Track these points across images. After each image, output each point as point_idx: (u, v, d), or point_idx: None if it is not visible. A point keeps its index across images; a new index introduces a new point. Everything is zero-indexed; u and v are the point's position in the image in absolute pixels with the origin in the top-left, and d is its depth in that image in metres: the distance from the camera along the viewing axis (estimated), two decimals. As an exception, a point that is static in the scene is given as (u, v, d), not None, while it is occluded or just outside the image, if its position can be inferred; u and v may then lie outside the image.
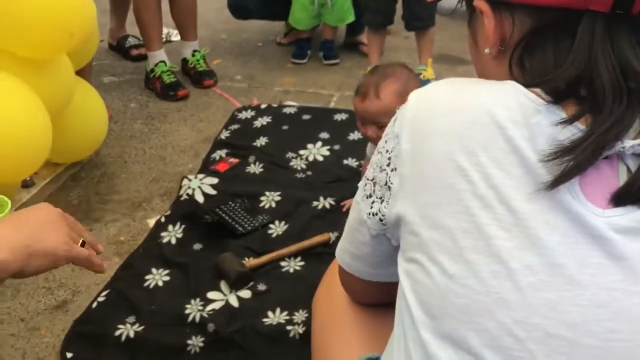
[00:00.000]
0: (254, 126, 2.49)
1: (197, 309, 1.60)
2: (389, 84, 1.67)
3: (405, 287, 0.75)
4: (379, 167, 0.80)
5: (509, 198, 0.66)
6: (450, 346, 0.69)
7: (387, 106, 1.66)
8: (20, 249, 0.86)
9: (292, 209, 1.99)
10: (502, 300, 0.66)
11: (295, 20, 3.13)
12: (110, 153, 2.38)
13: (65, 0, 1.73)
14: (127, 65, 3.16)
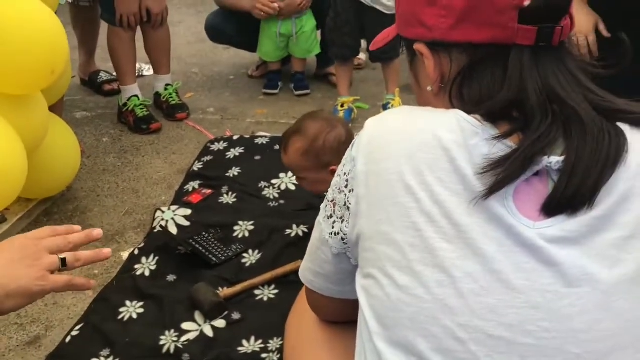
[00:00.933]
0: (227, 157, 2.52)
1: (171, 339, 1.61)
2: (295, 142, 1.73)
3: (362, 302, 0.80)
4: (338, 188, 0.86)
5: (451, 212, 0.73)
6: (402, 353, 0.75)
7: (292, 163, 1.77)
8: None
9: (265, 238, 2.02)
10: (447, 307, 0.72)
11: (263, 52, 3.20)
12: (82, 187, 2.39)
13: (48, 37, 1.76)
14: (99, 100, 3.19)
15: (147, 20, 2.85)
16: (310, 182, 1.81)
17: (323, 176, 1.74)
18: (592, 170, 0.72)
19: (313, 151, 1.72)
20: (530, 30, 0.76)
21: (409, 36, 0.88)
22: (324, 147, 1.71)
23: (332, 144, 1.71)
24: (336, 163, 1.70)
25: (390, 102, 2.86)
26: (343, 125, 1.79)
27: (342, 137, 1.73)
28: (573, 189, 0.72)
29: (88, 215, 2.22)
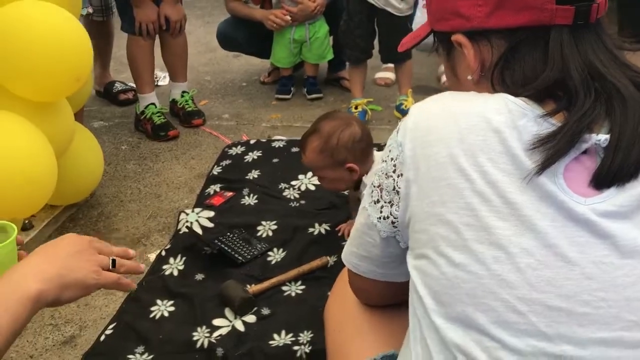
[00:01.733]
0: (245, 160, 2.56)
1: (204, 335, 1.64)
2: (312, 142, 1.78)
3: (417, 281, 0.83)
4: (385, 174, 0.89)
5: (504, 192, 0.76)
6: (461, 327, 0.78)
7: (310, 162, 1.81)
8: (54, 279, 0.92)
9: (289, 237, 2.05)
10: (505, 281, 0.75)
11: (277, 59, 3.25)
12: (106, 193, 2.43)
13: (74, 45, 1.81)
14: (115, 110, 3.24)
15: (165, 28, 2.90)
16: (329, 180, 1.84)
17: (340, 174, 1.78)
18: (635, 144, 0.75)
19: (328, 149, 1.76)
20: (568, 10, 0.78)
21: (445, 29, 0.90)
22: (338, 144, 1.75)
23: (347, 142, 1.75)
24: (352, 160, 1.76)
25: (404, 103, 2.90)
26: (358, 123, 1.83)
27: (356, 135, 1.77)
28: (618, 163, 0.75)
29: (113, 220, 2.26)
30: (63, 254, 0.96)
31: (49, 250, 0.97)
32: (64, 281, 0.93)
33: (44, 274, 0.91)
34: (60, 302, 0.94)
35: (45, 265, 0.93)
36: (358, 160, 1.77)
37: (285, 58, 3.22)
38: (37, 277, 0.90)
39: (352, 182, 1.83)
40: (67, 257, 0.95)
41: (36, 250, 0.98)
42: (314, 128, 1.81)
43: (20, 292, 0.87)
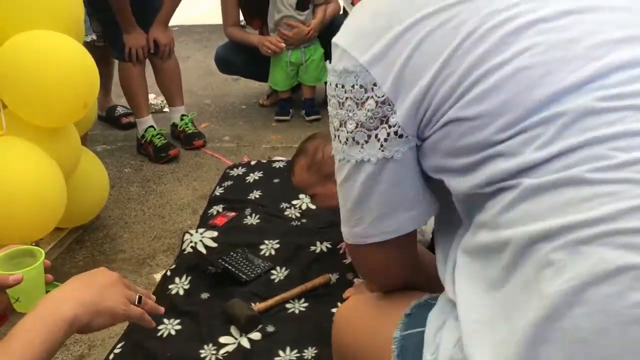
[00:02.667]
0: (247, 181, 2.62)
1: (211, 352, 1.68)
2: (299, 162, 1.85)
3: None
4: (352, 110, 0.85)
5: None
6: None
7: (301, 182, 1.87)
8: (89, 305, 0.97)
9: (291, 255, 2.10)
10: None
11: (274, 82, 3.32)
12: (110, 215, 2.48)
13: (82, 73, 1.87)
14: (117, 134, 3.30)
15: (154, 52, 2.98)
16: (321, 197, 1.89)
17: (331, 188, 1.81)
18: None
19: (315, 165, 1.82)
20: None
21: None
22: (323, 158, 1.81)
23: (331, 155, 1.80)
24: None
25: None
26: None
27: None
28: None
29: (118, 241, 2.30)
30: (98, 283, 1.02)
31: (85, 279, 1.03)
32: (97, 308, 0.98)
33: (80, 299, 0.97)
34: (90, 328, 0.99)
35: (81, 292, 0.99)
36: None
37: (282, 81, 3.29)
38: (74, 302, 0.96)
39: None
40: (101, 287, 1.01)
41: (73, 277, 1.04)
42: (298, 150, 1.89)
43: (57, 314, 0.93)
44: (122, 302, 1.02)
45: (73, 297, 0.96)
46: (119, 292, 1.03)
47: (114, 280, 1.04)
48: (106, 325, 1.01)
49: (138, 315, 1.06)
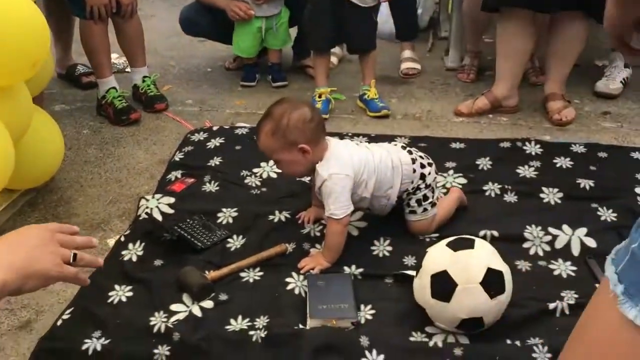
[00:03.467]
0: (208, 147, 2.57)
1: (161, 320, 1.66)
2: (264, 126, 1.82)
3: None
4: None
5: None
6: None
7: (266, 146, 1.85)
8: (18, 270, 0.94)
9: (249, 224, 2.08)
10: None
11: (240, 49, 3.23)
12: (65, 178, 2.42)
13: (29, 31, 1.79)
14: (77, 94, 3.20)
15: (116, 12, 2.87)
16: (285, 164, 1.87)
17: (294, 156, 1.82)
18: None
19: (280, 130, 1.79)
20: None
21: None
22: (288, 125, 1.79)
23: (297, 122, 1.79)
24: (303, 141, 1.80)
25: (366, 93, 2.94)
26: (308, 106, 1.87)
27: (306, 115, 1.80)
28: None
29: (72, 205, 2.25)
30: (27, 245, 0.98)
31: (13, 241, 0.99)
32: (28, 272, 0.95)
33: (9, 264, 0.94)
34: (21, 291, 0.96)
35: (11, 256, 0.95)
36: (309, 142, 1.80)
37: (249, 48, 3.21)
38: (3, 267, 0.92)
39: (307, 165, 1.86)
40: (31, 248, 0.98)
41: (1, 240, 0.99)
42: (265, 113, 1.85)
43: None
44: (55, 264, 0.99)
45: (1, 263, 0.93)
46: (52, 252, 0.99)
47: (46, 239, 1.00)
48: (39, 288, 0.99)
49: (72, 275, 1.04)
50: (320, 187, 1.83)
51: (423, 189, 1.93)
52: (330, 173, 1.80)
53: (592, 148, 2.50)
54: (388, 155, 1.92)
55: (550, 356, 1.52)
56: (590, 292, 1.69)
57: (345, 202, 1.82)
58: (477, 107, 2.87)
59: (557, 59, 2.80)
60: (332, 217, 1.82)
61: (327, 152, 1.85)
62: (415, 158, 1.94)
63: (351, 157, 1.85)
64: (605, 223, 2.04)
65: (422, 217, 1.96)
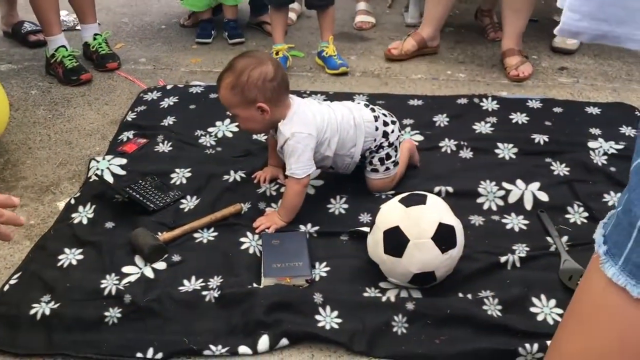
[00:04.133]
0: (161, 106, 2.51)
1: (112, 282, 1.64)
2: (225, 78, 1.78)
3: None
4: None
5: None
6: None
7: (224, 99, 1.81)
8: None
9: (203, 184, 2.04)
10: None
11: (190, 2, 3.11)
12: (13, 140, 2.33)
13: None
14: (24, 52, 3.07)
15: None
16: (243, 119, 1.84)
17: (252, 113, 1.78)
18: None
19: (238, 86, 1.75)
20: None
21: None
22: (248, 81, 1.74)
23: (257, 80, 1.74)
24: (262, 100, 1.76)
25: (325, 50, 2.89)
26: (273, 63, 1.80)
27: (267, 73, 1.75)
28: None
29: (20, 167, 2.18)
30: None
31: None
32: None
33: None
34: None
35: None
36: (269, 101, 1.76)
37: (199, 1, 3.10)
38: None
39: (265, 123, 1.83)
40: None
41: None
42: (228, 65, 1.81)
43: None
44: None
45: None
46: None
47: None
48: None
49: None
50: (283, 146, 1.81)
51: (386, 147, 1.92)
52: (292, 132, 1.78)
53: (547, 103, 2.52)
54: (350, 113, 1.90)
55: (500, 308, 1.55)
56: (541, 245, 1.77)
57: (306, 161, 1.80)
58: (405, 48, 2.97)
59: (511, 14, 2.79)
60: (292, 176, 1.81)
61: (290, 110, 1.81)
62: (377, 116, 1.92)
63: (314, 115, 1.83)
64: (558, 177, 2.06)
65: (384, 175, 1.96)
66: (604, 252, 0.81)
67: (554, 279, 1.64)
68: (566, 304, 1.54)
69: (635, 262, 0.76)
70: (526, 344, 1.44)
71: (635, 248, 0.76)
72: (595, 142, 2.22)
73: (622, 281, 0.77)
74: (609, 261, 0.80)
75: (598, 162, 2.12)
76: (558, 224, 1.84)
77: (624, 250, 0.77)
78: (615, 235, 0.80)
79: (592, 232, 1.86)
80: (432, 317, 1.52)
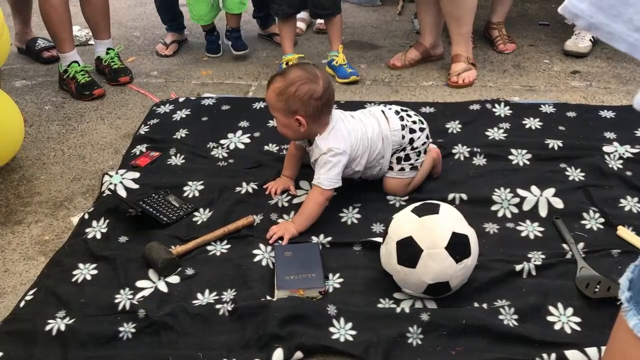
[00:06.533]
0: (173, 119, 2.52)
1: (126, 297, 1.64)
2: (274, 82, 1.83)
3: None
4: None
5: None
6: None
7: (268, 99, 1.87)
8: None
9: (215, 197, 2.05)
10: None
11: (197, 17, 3.08)
12: (27, 156, 2.35)
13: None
14: (38, 68, 3.11)
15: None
16: (280, 124, 1.89)
17: (290, 122, 1.84)
18: None
19: (284, 95, 1.81)
20: None
21: None
22: (294, 94, 1.79)
23: (303, 95, 1.79)
24: (303, 114, 1.78)
25: (335, 59, 2.89)
26: (324, 84, 1.82)
27: (315, 92, 1.79)
28: None
29: (35, 183, 2.20)
30: None
31: None
32: None
33: None
34: None
35: None
36: (309, 116, 1.81)
37: (207, 14, 3.07)
38: None
39: (299, 134, 1.87)
40: None
41: None
42: (284, 70, 1.87)
43: None
44: None
45: None
46: None
47: None
48: None
49: None
50: (317, 159, 1.86)
51: (408, 150, 1.95)
52: (329, 147, 1.83)
53: (561, 108, 2.49)
54: (378, 125, 1.93)
55: (517, 317, 1.53)
56: (557, 253, 1.74)
57: (336, 176, 1.86)
58: (409, 58, 2.95)
59: (453, 21, 2.79)
60: (319, 185, 1.85)
61: (329, 126, 1.85)
62: (405, 125, 1.95)
63: (349, 133, 1.88)
64: (573, 182, 2.04)
65: (398, 175, 1.97)
66: (627, 299, 0.74)
67: (570, 286, 1.62)
68: (583, 312, 1.54)
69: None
70: (543, 354, 1.42)
71: None
72: (610, 146, 2.20)
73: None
74: (632, 309, 0.73)
75: (614, 167, 2.09)
76: (574, 231, 1.82)
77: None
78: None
79: (609, 238, 1.84)
80: (448, 328, 1.51)
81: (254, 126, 2.45)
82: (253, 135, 2.39)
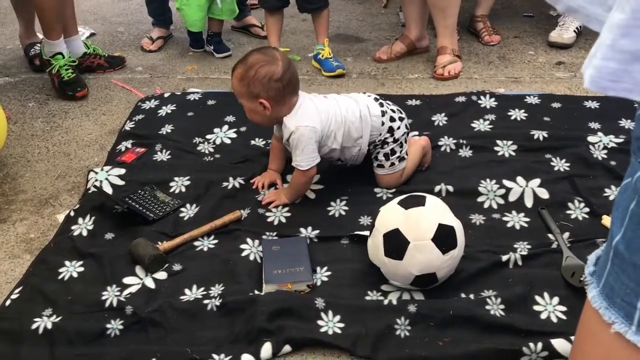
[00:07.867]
0: (159, 115, 2.51)
1: (114, 294, 1.63)
2: (237, 69, 1.85)
3: None
4: None
5: None
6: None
7: (234, 88, 1.89)
8: None
9: (202, 192, 2.04)
10: None
11: (191, 23, 3.03)
12: (11, 154, 2.33)
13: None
14: (21, 65, 3.07)
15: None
16: (247, 109, 1.90)
17: (254, 106, 1.85)
18: None
19: (246, 79, 1.82)
20: None
21: None
22: (254, 77, 1.80)
23: (262, 77, 1.79)
24: (265, 97, 1.78)
25: (321, 53, 2.88)
26: (284, 65, 1.82)
27: (275, 74, 1.79)
28: None
29: (19, 181, 2.18)
30: None
31: None
32: None
33: None
34: None
35: None
36: (272, 99, 1.81)
37: (200, 20, 3.02)
38: None
39: (266, 117, 1.87)
40: None
41: None
42: (244, 57, 1.87)
43: None
44: None
45: None
46: None
47: None
48: None
49: None
50: (288, 139, 1.87)
51: (391, 143, 1.94)
52: (297, 125, 1.84)
53: (545, 99, 2.51)
54: (356, 105, 1.93)
55: (503, 307, 1.54)
56: (542, 243, 1.76)
57: (311, 154, 1.86)
58: (394, 51, 2.95)
59: (438, 12, 2.79)
60: (298, 167, 1.88)
61: (295, 105, 1.86)
62: (385, 111, 1.94)
63: (317, 109, 1.88)
64: (558, 173, 2.05)
65: (390, 171, 1.97)
66: (590, 273, 0.77)
67: (556, 276, 1.63)
68: (569, 302, 1.55)
69: (611, 284, 0.72)
70: (530, 343, 1.43)
71: (612, 269, 0.72)
72: (595, 136, 2.21)
73: (597, 304, 0.74)
74: (593, 282, 0.76)
75: (598, 157, 2.11)
76: (559, 221, 1.84)
77: (604, 272, 0.73)
78: (603, 257, 0.76)
79: (594, 227, 1.86)
80: (435, 319, 1.51)
81: (240, 121, 2.43)
82: (239, 130, 2.38)
